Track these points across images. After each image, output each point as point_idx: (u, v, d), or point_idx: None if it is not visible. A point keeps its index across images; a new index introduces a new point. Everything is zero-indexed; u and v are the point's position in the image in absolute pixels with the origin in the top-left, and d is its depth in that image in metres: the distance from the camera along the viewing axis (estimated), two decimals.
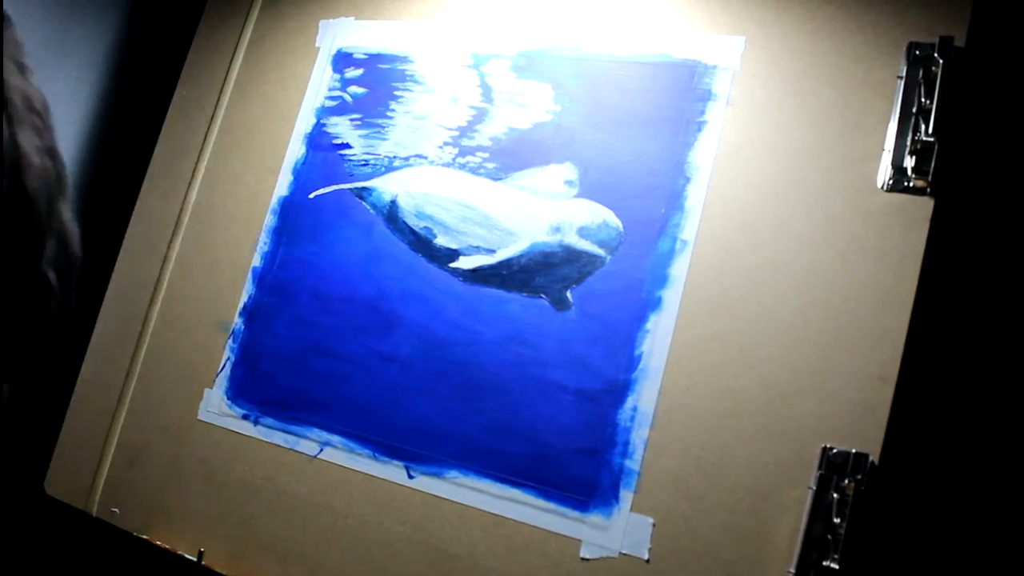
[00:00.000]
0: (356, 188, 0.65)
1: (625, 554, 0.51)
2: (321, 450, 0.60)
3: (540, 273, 0.57)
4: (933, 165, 0.49)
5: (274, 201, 0.68)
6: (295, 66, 0.71)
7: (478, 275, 0.59)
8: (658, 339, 0.53)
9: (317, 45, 0.71)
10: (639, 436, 0.52)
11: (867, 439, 0.47)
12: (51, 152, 0.25)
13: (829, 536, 0.46)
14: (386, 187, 0.64)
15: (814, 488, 0.47)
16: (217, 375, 0.65)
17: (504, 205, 0.60)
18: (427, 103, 0.65)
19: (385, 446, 0.58)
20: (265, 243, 0.67)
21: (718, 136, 0.55)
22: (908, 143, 0.50)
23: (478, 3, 0.66)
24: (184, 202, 0.71)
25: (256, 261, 0.67)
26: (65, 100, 0.77)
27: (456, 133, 0.63)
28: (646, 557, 0.51)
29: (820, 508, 0.47)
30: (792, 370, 0.50)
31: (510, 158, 0.61)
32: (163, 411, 0.66)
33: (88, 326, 0.73)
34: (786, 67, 0.55)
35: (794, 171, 0.53)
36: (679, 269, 0.54)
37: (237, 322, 0.66)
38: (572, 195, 0.58)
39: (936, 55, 0.50)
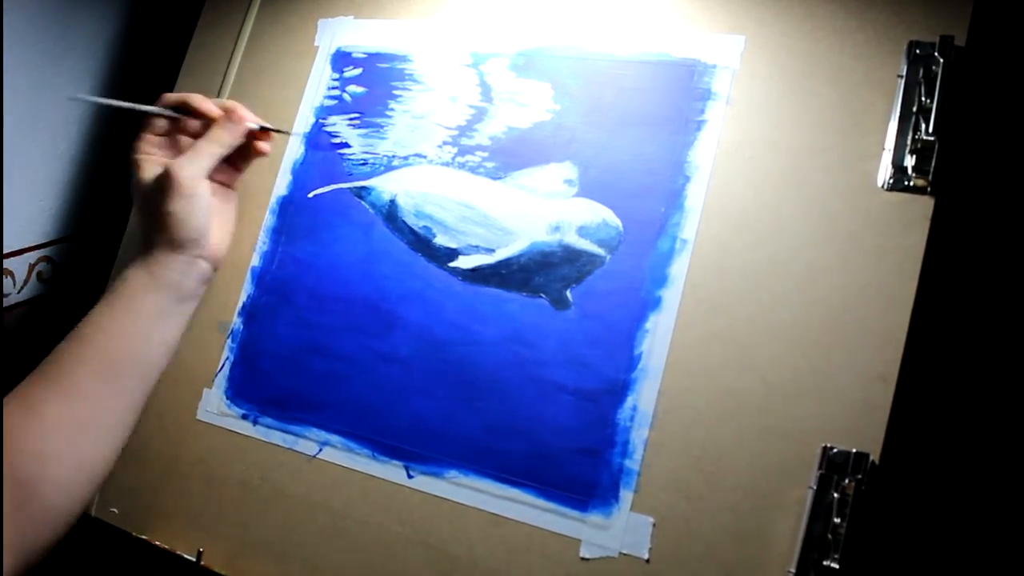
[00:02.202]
0: (355, 187, 0.65)
1: (625, 554, 0.51)
2: (320, 450, 0.60)
3: (539, 272, 0.57)
4: (933, 164, 0.49)
5: (273, 200, 0.68)
6: (294, 65, 0.71)
7: (477, 274, 0.59)
8: (658, 339, 0.53)
9: (316, 44, 0.71)
10: (639, 436, 0.52)
11: (867, 439, 0.47)
12: None
13: (829, 536, 0.46)
14: (385, 186, 0.64)
15: (814, 488, 0.47)
16: (216, 375, 0.65)
17: (503, 204, 0.60)
18: (426, 102, 0.65)
19: (384, 446, 0.58)
20: (264, 243, 0.67)
21: (718, 135, 0.55)
22: (908, 142, 0.50)
23: (477, 2, 0.66)
24: None
25: (255, 261, 0.67)
26: (65, 99, 0.77)
27: (455, 132, 0.63)
28: (646, 557, 0.50)
29: (820, 508, 0.47)
30: (792, 369, 0.50)
31: (509, 157, 0.61)
32: (162, 411, 0.66)
33: None
34: (786, 66, 0.55)
35: (794, 170, 0.53)
36: (679, 268, 0.54)
37: (236, 322, 0.66)
38: (572, 194, 0.58)
39: (936, 54, 0.50)
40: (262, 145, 0.64)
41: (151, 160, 0.61)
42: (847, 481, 0.47)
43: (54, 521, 0.56)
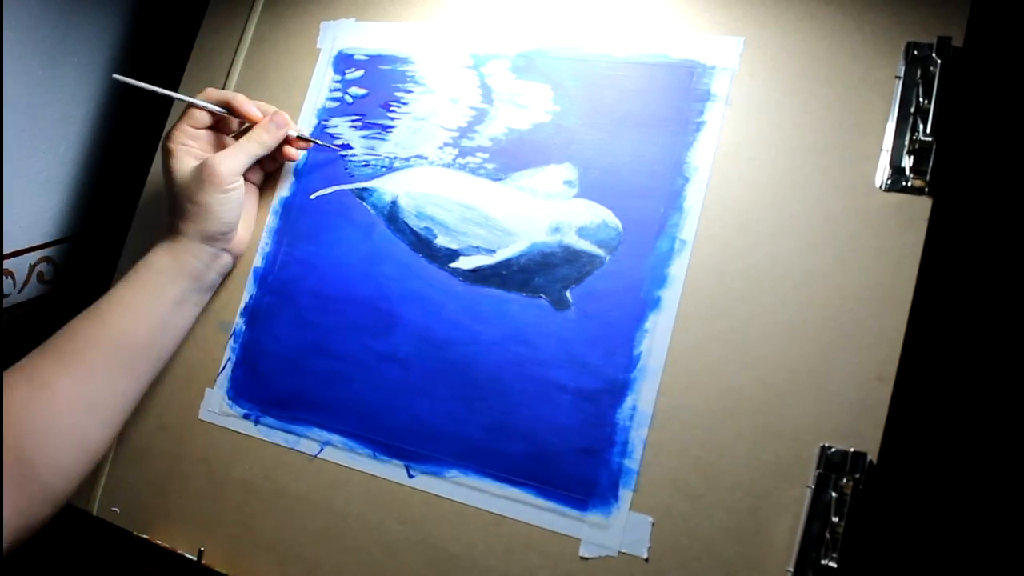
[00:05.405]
0: (357, 189, 0.65)
1: (624, 553, 0.51)
2: (321, 450, 0.60)
3: (540, 273, 0.58)
4: (931, 165, 0.49)
5: (276, 202, 0.68)
6: (296, 67, 0.71)
7: (478, 275, 0.59)
8: (657, 339, 0.54)
9: (318, 46, 0.71)
10: (638, 435, 0.53)
11: (865, 438, 0.47)
12: None
13: (828, 535, 0.46)
14: (387, 188, 0.64)
15: (812, 487, 0.48)
16: (218, 375, 0.65)
17: (504, 205, 0.60)
18: (427, 104, 0.65)
19: (385, 445, 0.59)
20: (267, 244, 0.67)
21: (717, 136, 0.56)
22: (906, 143, 0.50)
23: (478, 4, 0.66)
24: None
25: (257, 261, 0.67)
26: (65, 100, 0.78)
27: (456, 134, 0.64)
28: (645, 556, 0.51)
29: (819, 507, 0.47)
30: (790, 369, 0.50)
31: (510, 158, 0.61)
32: (164, 411, 0.66)
33: None
34: (784, 67, 0.55)
35: (792, 171, 0.53)
36: (678, 269, 0.54)
37: (238, 322, 0.66)
38: (571, 195, 0.59)
39: (934, 55, 0.50)
40: (291, 151, 0.66)
41: (187, 151, 0.63)
42: (845, 480, 0.47)
43: (51, 501, 0.56)
